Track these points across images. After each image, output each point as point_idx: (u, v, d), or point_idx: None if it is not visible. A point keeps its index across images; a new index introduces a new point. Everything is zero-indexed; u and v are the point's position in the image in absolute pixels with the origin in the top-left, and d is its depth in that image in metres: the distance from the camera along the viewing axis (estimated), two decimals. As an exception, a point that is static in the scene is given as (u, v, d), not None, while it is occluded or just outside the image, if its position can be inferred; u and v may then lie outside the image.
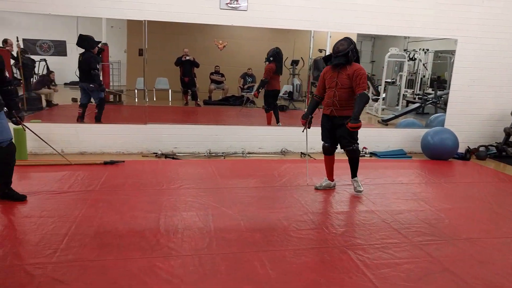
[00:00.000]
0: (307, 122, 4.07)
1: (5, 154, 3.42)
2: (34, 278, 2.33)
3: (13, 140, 3.54)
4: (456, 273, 2.63)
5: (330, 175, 4.23)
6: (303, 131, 4.15)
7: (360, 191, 4.06)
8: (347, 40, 3.87)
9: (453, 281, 2.55)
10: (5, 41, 6.72)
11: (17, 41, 6.59)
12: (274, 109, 6.74)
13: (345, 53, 3.81)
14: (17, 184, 4.00)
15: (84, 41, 5.84)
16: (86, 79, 5.85)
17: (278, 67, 6.59)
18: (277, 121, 6.68)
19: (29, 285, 2.27)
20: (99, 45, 6.24)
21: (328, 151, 4.15)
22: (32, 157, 5.12)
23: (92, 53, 5.89)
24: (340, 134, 3.93)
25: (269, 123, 6.59)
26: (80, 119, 5.88)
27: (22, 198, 3.51)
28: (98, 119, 5.88)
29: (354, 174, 4.13)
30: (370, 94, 9.83)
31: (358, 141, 3.99)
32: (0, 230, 2.92)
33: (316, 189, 4.16)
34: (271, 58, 6.57)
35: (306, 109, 4.15)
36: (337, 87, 3.85)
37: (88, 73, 5.80)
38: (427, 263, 2.75)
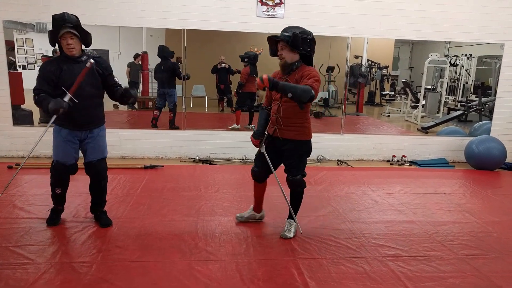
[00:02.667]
0: (261, 142, 3.12)
1: (94, 171, 3.22)
2: (81, 276, 2.44)
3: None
4: (506, 290, 2.49)
5: (257, 206, 3.40)
6: (258, 153, 3.18)
7: (286, 237, 3.07)
8: (300, 28, 2.92)
9: (503, 298, 2.41)
10: (55, 51, 7.13)
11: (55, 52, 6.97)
12: (250, 110, 7.11)
13: (287, 37, 2.82)
14: (64, 186, 4.20)
15: (164, 51, 6.49)
16: (168, 84, 6.46)
17: (253, 70, 7.03)
18: (249, 123, 6.95)
19: (77, 282, 2.37)
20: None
21: (258, 178, 3.25)
22: (79, 161, 5.35)
23: (170, 61, 6.49)
24: (285, 161, 3.07)
25: (237, 123, 6.86)
26: (155, 120, 6.31)
27: (107, 224, 3.17)
28: (172, 123, 6.26)
29: (290, 215, 3.15)
30: (408, 101, 9.60)
31: (304, 174, 3.12)
32: (50, 230, 3.07)
33: (237, 220, 3.39)
34: (246, 59, 6.99)
35: (256, 126, 3.19)
36: (282, 100, 2.92)
37: (169, 78, 6.42)
38: (474, 278, 2.62)
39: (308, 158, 3.18)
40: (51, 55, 7.71)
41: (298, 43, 2.84)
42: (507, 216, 3.80)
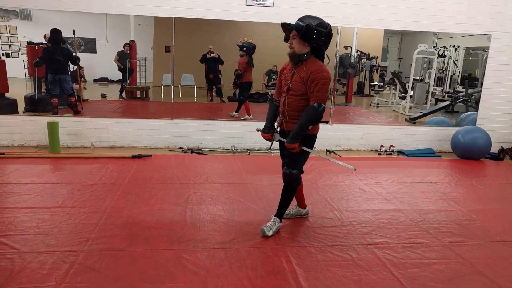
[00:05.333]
0: (273, 134, 3.03)
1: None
2: (67, 265, 2.42)
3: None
4: (488, 276, 2.55)
5: (299, 202, 3.31)
6: (269, 149, 3.14)
7: (264, 234, 2.92)
8: (319, 19, 2.76)
9: (485, 284, 2.47)
10: (45, 36, 6.97)
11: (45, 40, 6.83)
12: (240, 99, 7.12)
13: (299, 27, 2.70)
14: (51, 175, 4.16)
15: (57, 35, 6.05)
16: (62, 70, 6.21)
17: (250, 60, 7.01)
18: (236, 111, 7.03)
19: (63, 271, 2.35)
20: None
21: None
22: (65, 150, 5.30)
23: (63, 46, 6.26)
24: (286, 153, 2.95)
25: (248, 114, 6.85)
26: (57, 109, 6.21)
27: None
28: (75, 106, 6.42)
29: (278, 212, 3.04)
30: (396, 92, 9.68)
31: (301, 169, 2.97)
32: (36, 219, 3.04)
33: (284, 218, 3.19)
34: (244, 49, 6.91)
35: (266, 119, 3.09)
36: (289, 93, 2.85)
37: (64, 65, 6.21)
38: (457, 264, 2.68)
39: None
40: (37, 42, 7.55)
41: (310, 35, 2.69)
42: (490, 204, 3.88)
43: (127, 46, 8.76)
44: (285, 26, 2.84)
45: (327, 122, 2.80)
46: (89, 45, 10.69)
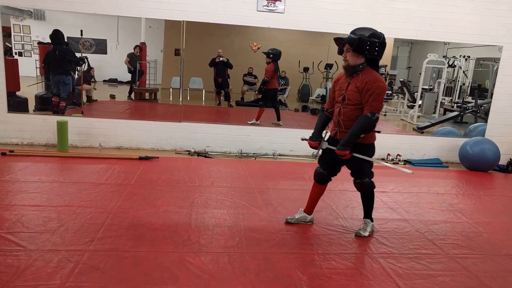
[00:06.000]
0: (320, 142, 3.09)
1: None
2: (72, 264, 2.43)
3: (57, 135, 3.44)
4: (494, 289, 2.52)
5: (309, 208, 3.31)
6: (315, 156, 3.16)
7: (361, 235, 3.13)
8: (371, 30, 2.81)
9: (491, 297, 2.44)
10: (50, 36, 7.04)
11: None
12: (276, 107, 7.04)
13: (352, 40, 2.77)
14: (59, 174, 4.21)
15: (58, 36, 6.04)
16: (63, 71, 6.15)
17: (276, 67, 7.01)
18: (278, 119, 6.92)
19: (68, 270, 2.37)
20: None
21: (321, 179, 3.18)
22: (73, 149, 5.35)
23: (65, 47, 6.17)
24: (350, 166, 3.04)
25: (258, 119, 6.79)
26: (56, 107, 6.16)
27: None
28: (62, 112, 6.17)
29: (365, 214, 3.22)
30: (405, 101, 9.62)
31: (371, 175, 3.09)
32: (42, 217, 3.07)
33: (287, 222, 3.29)
34: (271, 56, 6.88)
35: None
36: (344, 103, 2.91)
37: (64, 65, 6.13)
38: (463, 277, 2.65)
39: (303, 155, 3.18)
40: (48, 42, 7.64)
41: (363, 47, 2.76)
42: (498, 217, 3.84)
43: (137, 48, 8.85)
44: (338, 41, 2.92)
45: (379, 132, 2.90)
46: (100, 46, 10.79)
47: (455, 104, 9.35)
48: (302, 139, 3.30)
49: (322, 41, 8.12)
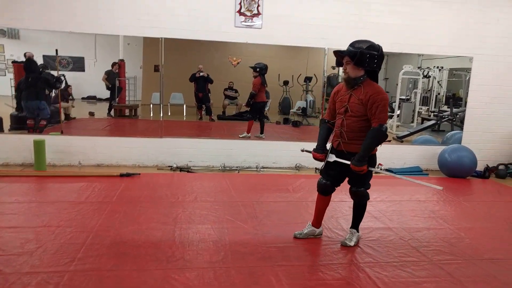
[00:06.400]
0: (326, 155, 3.10)
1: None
2: (52, 286, 2.34)
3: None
4: (478, 293, 2.55)
5: (317, 221, 3.28)
6: (325, 165, 3.11)
7: (347, 245, 3.14)
8: (369, 42, 2.85)
9: (475, 301, 2.47)
10: (24, 55, 6.91)
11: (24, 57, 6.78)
12: (261, 120, 7.10)
13: (352, 53, 2.82)
14: (36, 194, 4.08)
15: (31, 65, 6.01)
16: (36, 97, 6.03)
17: (264, 81, 7.11)
18: (261, 132, 6.94)
19: (47, 294, 2.28)
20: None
21: (324, 191, 3.15)
22: (51, 168, 5.21)
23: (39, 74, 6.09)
24: (350, 175, 3.05)
25: (248, 131, 6.84)
26: (32, 129, 6.03)
27: None
28: (41, 130, 6.06)
29: (353, 224, 3.24)
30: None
31: (369, 186, 3.11)
32: (20, 239, 2.95)
33: (295, 237, 3.26)
34: (258, 70, 6.98)
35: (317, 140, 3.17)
36: (346, 115, 2.94)
37: (38, 92, 6.04)
38: (448, 283, 2.68)
39: (286, 166, 3.19)
40: (22, 60, 7.49)
41: (363, 61, 2.81)
42: (478, 222, 3.92)
43: (116, 65, 8.78)
44: (338, 53, 2.96)
45: (390, 141, 2.92)
46: (78, 64, 10.66)
47: (432, 113, 9.62)
48: (303, 151, 3.32)
49: (301, 55, 8.28)
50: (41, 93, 6.09)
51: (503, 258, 3.10)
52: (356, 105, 2.88)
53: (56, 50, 6.35)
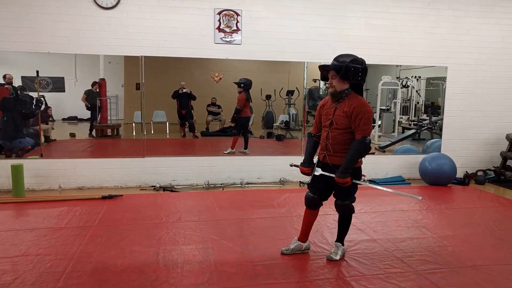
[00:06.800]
0: (313, 169, 3.12)
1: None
2: (30, 320, 2.26)
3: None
4: (463, 302, 2.58)
5: (304, 235, 3.27)
6: (312, 179, 3.13)
7: (332, 259, 3.14)
8: (352, 56, 2.92)
9: (460, 310, 2.49)
10: (4, 76, 6.79)
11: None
12: (246, 136, 7.11)
13: (338, 67, 2.87)
14: (14, 222, 3.96)
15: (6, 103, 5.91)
16: (16, 134, 5.90)
17: (248, 96, 7.20)
18: (245, 147, 6.93)
19: (25, 328, 2.19)
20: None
21: (312, 204, 3.15)
22: (30, 193, 5.07)
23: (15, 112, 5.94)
24: (335, 187, 3.04)
25: (233, 147, 6.82)
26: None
27: None
28: (23, 154, 5.90)
29: (338, 237, 3.26)
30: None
31: (354, 199, 3.14)
32: (-5, 270, 2.85)
33: (283, 254, 3.24)
34: (242, 85, 7.07)
35: (304, 154, 3.23)
36: (332, 127, 2.98)
37: (15, 129, 5.92)
38: (432, 292, 2.70)
39: (271, 181, 3.19)
40: (1, 82, 7.35)
41: (349, 74, 2.87)
42: (460, 229, 3.99)
43: (96, 85, 8.70)
44: (323, 67, 3.02)
45: (373, 153, 2.97)
46: (58, 84, 10.50)
47: (412, 122, 9.81)
48: (291, 165, 3.36)
49: (282, 69, 8.36)
50: (20, 130, 5.97)
51: (485, 265, 3.14)
52: (341, 117, 2.93)
53: (37, 72, 6.26)
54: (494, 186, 6.02)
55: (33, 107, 6.17)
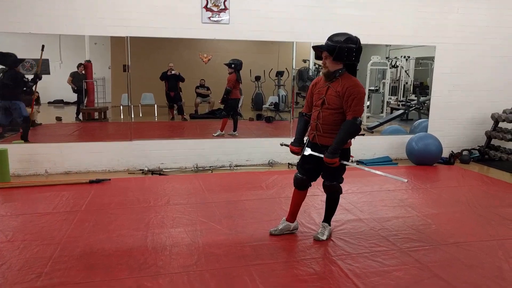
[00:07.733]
0: (303, 148, 3.12)
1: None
2: (17, 305, 2.27)
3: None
4: (445, 278, 2.66)
5: (292, 215, 3.29)
6: (302, 159, 3.15)
7: (319, 239, 3.18)
8: (346, 35, 2.85)
9: (442, 286, 2.56)
10: None
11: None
12: (235, 118, 7.07)
13: (331, 48, 2.83)
14: (0, 208, 3.92)
15: (5, 59, 5.73)
16: (9, 96, 5.75)
17: (238, 77, 7.15)
18: (234, 130, 6.91)
19: (12, 313, 2.20)
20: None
21: (301, 185, 3.17)
22: (15, 179, 5.02)
23: (14, 70, 5.84)
24: (323, 168, 3.04)
25: (222, 129, 6.82)
26: None
27: None
28: (25, 138, 5.77)
29: (325, 217, 3.29)
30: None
31: (341, 180, 3.15)
32: (-19, 256, 2.84)
33: (271, 234, 3.27)
34: (233, 66, 6.99)
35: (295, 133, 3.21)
36: (323, 107, 2.95)
37: (11, 90, 5.76)
38: (416, 269, 2.77)
39: (259, 163, 3.20)
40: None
41: (342, 55, 2.82)
42: (444, 208, 4.07)
43: (81, 66, 8.51)
44: (317, 48, 2.96)
45: (363, 135, 2.97)
46: (43, 67, 10.27)
47: (400, 103, 9.85)
48: (282, 145, 3.36)
49: (271, 49, 8.25)
50: (15, 91, 5.75)
51: (466, 241, 3.24)
52: (333, 97, 2.90)
53: (43, 46, 6.03)
54: (478, 165, 6.13)
55: (29, 82, 6.04)
